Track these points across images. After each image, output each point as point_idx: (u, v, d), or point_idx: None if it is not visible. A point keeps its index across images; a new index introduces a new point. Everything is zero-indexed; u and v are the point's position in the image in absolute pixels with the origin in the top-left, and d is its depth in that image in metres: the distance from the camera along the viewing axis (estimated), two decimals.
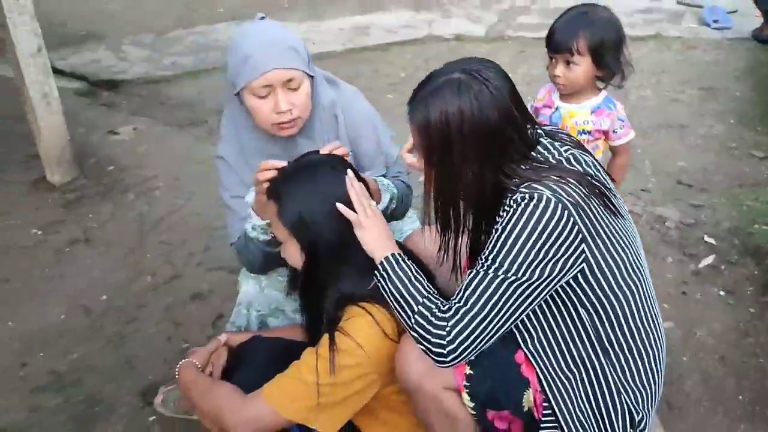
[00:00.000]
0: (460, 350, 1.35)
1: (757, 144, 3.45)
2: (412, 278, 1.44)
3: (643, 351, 1.47)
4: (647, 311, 1.49)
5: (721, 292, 2.47)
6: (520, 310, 1.37)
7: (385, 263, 1.46)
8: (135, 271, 2.74)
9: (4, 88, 4.13)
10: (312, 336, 1.62)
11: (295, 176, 1.52)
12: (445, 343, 1.35)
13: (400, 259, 1.46)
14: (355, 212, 1.49)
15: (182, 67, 4.96)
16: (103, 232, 3.00)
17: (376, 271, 1.47)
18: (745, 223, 2.79)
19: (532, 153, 1.43)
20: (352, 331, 1.44)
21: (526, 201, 1.33)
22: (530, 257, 1.32)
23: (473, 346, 1.36)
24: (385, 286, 1.45)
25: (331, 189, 1.50)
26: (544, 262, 1.33)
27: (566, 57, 2.01)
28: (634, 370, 1.47)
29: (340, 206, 1.48)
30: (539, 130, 1.51)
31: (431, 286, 1.46)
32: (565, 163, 1.43)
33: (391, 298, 1.44)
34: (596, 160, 1.54)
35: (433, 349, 1.36)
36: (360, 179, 1.58)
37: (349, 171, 1.53)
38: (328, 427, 1.47)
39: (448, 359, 1.36)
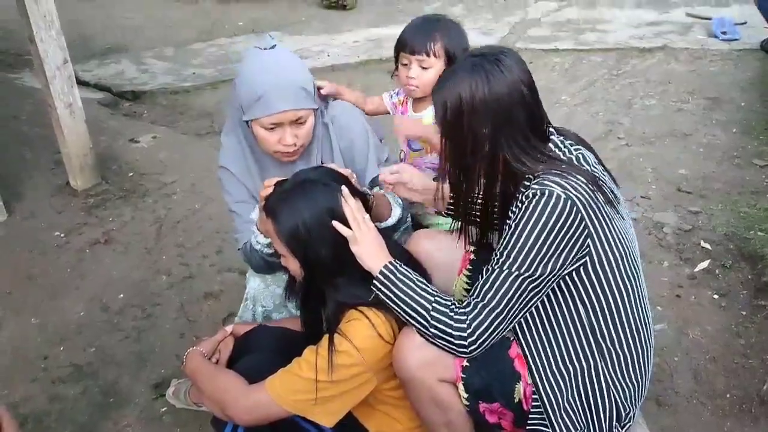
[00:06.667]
0: (479, 341, 1.44)
1: (760, 153, 3.50)
2: (416, 281, 1.52)
3: (633, 348, 1.55)
4: (641, 309, 1.56)
5: (715, 296, 2.54)
6: (531, 302, 1.46)
7: (385, 271, 1.52)
8: (151, 271, 2.87)
9: (34, 98, 4.33)
10: (310, 334, 1.69)
11: (289, 193, 1.58)
12: (466, 335, 1.44)
13: (398, 266, 1.54)
14: (350, 228, 1.55)
15: (202, 78, 5.12)
16: (122, 234, 3.14)
17: (375, 282, 1.52)
18: (742, 229, 2.85)
19: (544, 149, 1.50)
20: (350, 333, 1.52)
21: (537, 197, 1.41)
22: (541, 253, 1.41)
23: (492, 337, 1.45)
24: (390, 294, 1.51)
25: (325, 205, 1.56)
26: (555, 257, 1.41)
27: (422, 59, 2.06)
28: (624, 366, 1.54)
29: (335, 224, 1.54)
30: (550, 128, 1.58)
31: (433, 287, 1.55)
32: (575, 161, 1.51)
33: (399, 303, 1.50)
34: (601, 161, 1.62)
35: (455, 342, 1.44)
36: (359, 194, 1.65)
37: (344, 187, 1.58)
38: (325, 419, 1.56)
39: (469, 350, 1.45)
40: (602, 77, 4.69)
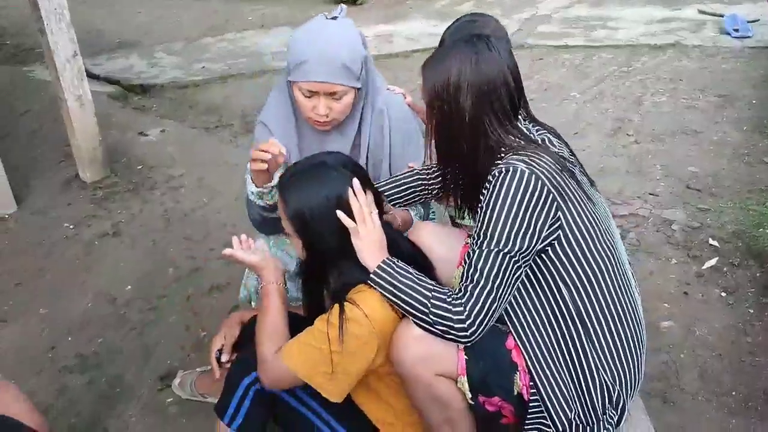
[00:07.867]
0: (477, 323, 1.45)
1: None
2: (414, 274, 1.53)
3: (621, 330, 1.56)
4: (624, 292, 1.58)
5: (723, 293, 2.52)
6: (517, 277, 1.48)
7: (384, 266, 1.53)
8: (159, 264, 2.89)
9: (44, 91, 4.37)
10: (312, 315, 1.67)
11: (302, 175, 1.58)
12: (464, 318, 1.44)
13: (396, 261, 1.55)
14: (355, 221, 1.55)
15: (211, 72, 5.14)
16: (130, 227, 3.16)
17: (373, 276, 1.53)
18: (751, 227, 2.83)
19: (518, 131, 1.57)
20: (361, 302, 1.52)
21: (503, 174, 1.46)
22: (515, 227, 1.44)
23: (488, 317, 1.46)
24: (389, 287, 1.51)
25: (334, 193, 1.55)
26: (528, 229, 1.45)
27: None
28: (612, 348, 1.56)
29: (340, 214, 1.53)
30: (521, 115, 1.64)
31: (430, 280, 1.55)
32: (539, 143, 1.59)
33: (399, 294, 1.50)
34: (569, 146, 1.69)
35: (455, 326, 1.45)
36: (371, 187, 1.63)
37: (355, 180, 1.57)
38: (335, 394, 1.55)
39: (469, 333, 1.46)
40: (612, 74, 4.67)
